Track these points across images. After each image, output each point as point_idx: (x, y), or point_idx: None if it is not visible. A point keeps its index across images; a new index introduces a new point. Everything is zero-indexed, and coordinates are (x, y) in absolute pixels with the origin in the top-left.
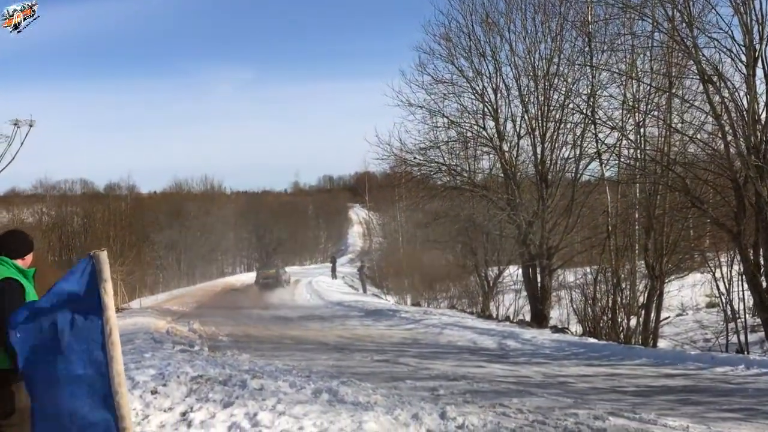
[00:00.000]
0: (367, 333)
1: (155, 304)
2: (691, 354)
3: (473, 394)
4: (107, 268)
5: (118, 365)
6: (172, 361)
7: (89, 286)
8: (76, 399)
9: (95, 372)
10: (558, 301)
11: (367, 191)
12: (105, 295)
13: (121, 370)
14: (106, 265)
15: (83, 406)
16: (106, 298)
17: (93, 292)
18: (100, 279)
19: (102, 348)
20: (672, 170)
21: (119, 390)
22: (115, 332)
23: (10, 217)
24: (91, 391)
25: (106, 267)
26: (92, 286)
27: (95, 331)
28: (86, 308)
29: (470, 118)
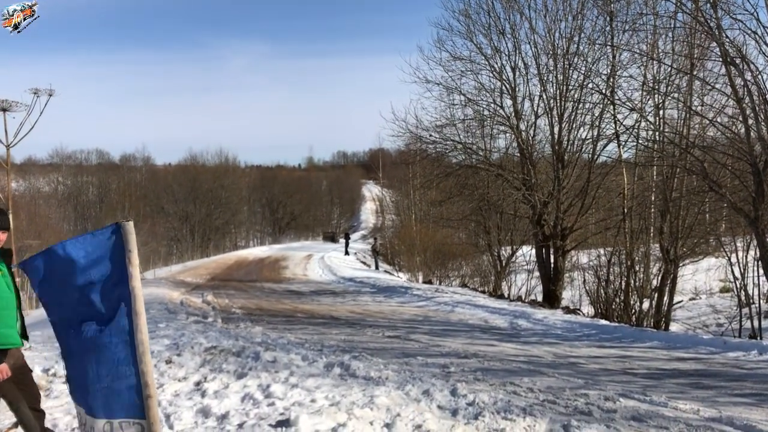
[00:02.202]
0: (379, 309)
1: (169, 275)
2: (703, 338)
3: (484, 372)
4: (133, 239)
5: (142, 334)
6: (186, 331)
7: (115, 255)
8: (102, 365)
9: (120, 340)
10: (570, 282)
11: (380, 168)
12: (130, 265)
13: (144, 339)
14: (132, 236)
15: (108, 373)
16: (131, 269)
17: (119, 261)
18: (126, 249)
19: (127, 316)
20: (690, 153)
21: (143, 359)
22: (140, 302)
23: (26, 186)
24: (116, 358)
25: (132, 238)
26: (118, 255)
27: (120, 300)
28: (112, 277)
29: (488, 96)
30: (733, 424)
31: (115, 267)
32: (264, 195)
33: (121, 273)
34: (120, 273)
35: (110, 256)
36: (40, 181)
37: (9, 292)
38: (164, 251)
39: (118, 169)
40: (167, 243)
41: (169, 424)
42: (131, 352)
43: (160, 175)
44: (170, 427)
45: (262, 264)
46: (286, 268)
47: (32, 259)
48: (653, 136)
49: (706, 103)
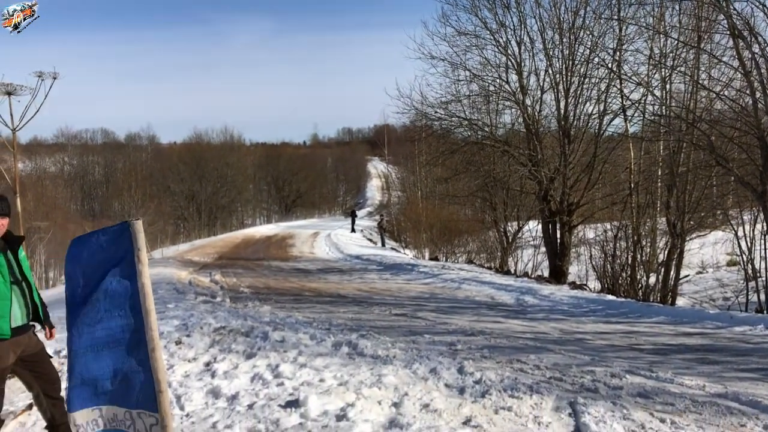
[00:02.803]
0: (386, 287)
1: (177, 254)
2: (709, 313)
3: (491, 350)
4: (142, 237)
5: (152, 331)
6: (194, 312)
7: (125, 253)
8: (116, 361)
9: (131, 336)
10: (577, 257)
11: (386, 145)
12: (139, 263)
13: (155, 335)
14: (141, 234)
15: (122, 367)
16: (140, 266)
17: (128, 259)
18: (135, 247)
19: (138, 313)
20: (697, 127)
21: (153, 355)
22: (149, 299)
23: (33, 166)
24: (129, 353)
25: (141, 236)
26: (128, 253)
27: (131, 297)
28: (122, 274)
29: (493, 71)
30: (738, 399)
31: (125, 265)
32: (269, 173)
33: (130, 270)
34: (130, 270)
35: (120, 254)
36: (46, 162)
37: (3, 283)
38: (171, 230)
39: (123, 149)
40: (174, 222)
41: (180, 405)
42: (143, 348)
43: (165, 154)
44: (181, 408)
45: (269, 242)
46: (293, 246)
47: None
48: (660, 110)
49: (713, 76)
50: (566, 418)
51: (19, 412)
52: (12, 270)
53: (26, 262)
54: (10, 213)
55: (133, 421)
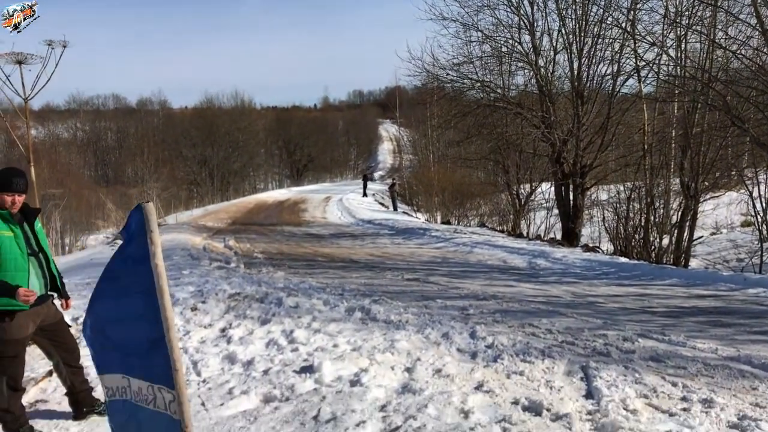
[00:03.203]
0: (398, 251)
1: (191, 219)
2: (723, 275)
3: (503, 314)
4: (154, 219)
5: (167, 311)
6: (209, 278)
7: (139, 235)
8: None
9: (148, 315)
10: (590, 219)
11: (397, 107)
12: (151, 245)
13: (169, 315)
14: (153, 216)
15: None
16: (153, 248)
17: (142, 240)
18: (148, 229)
19: (153, 293)
20: (712, 87)
21: (168, 334)
22: (163, 280)
23: (46, 133)
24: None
25: (152, 218)
26: (142, 234)
27: (146, 276)
28: (137, 254)
29: (505, 32)
30: (751, 362)
31: (140, 245)
32: (280, 137)
33: (144, 252)
34: (143, 252)
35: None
36: (59, 128)
37: (21, 255)
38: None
39: (135, 114)
40: (187, 187)
41: (197, 370)
42: (159, 326)
43: (176, 119)
44: (198, 374)
45: (281, 207)
46: (305, 211)
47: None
48: (674, 70)
49: (730, 35)
50: (578, 382)
51: (40, 378)
52: (29, 242)
53: (43, 233)
54: (28, 190)
55: (155, 396)
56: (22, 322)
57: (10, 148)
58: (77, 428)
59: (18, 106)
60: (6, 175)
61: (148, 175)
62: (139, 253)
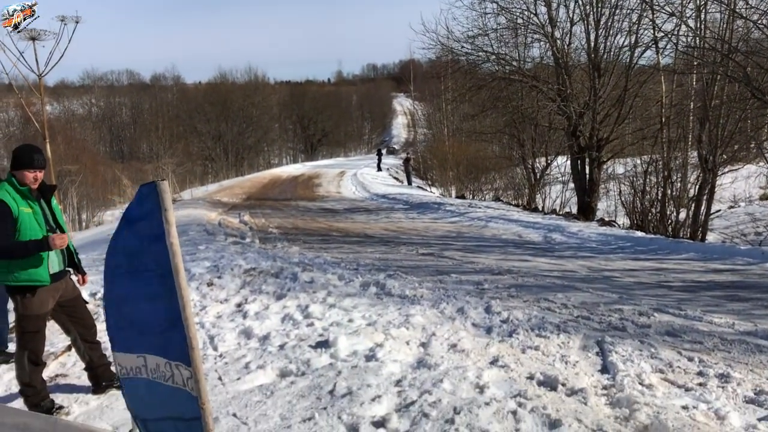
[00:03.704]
0: (412, 226)
1: (206, 194)
2: (740, 249)
3: (518, 289)
4: (168, 198)
5: (182, 290)
6: (225, 253)
7: (154, 213)
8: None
9: (164, 293)
10: (606, 193)
11: (411, 81)
12: (166, 223)
13: (185, 294)
14: (167, 194)
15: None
16: (167, 226)
17: (157, 218)
18: (162, 208)
19: (169, 272)
20: (732, 58)
21: (184, 313)
22: (178, 258)
23: (61, 109)
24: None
25: (167, 196)
26: (157, 213)
27: (162, 255)
28: (152, 233)
29: (521, 3)
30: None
31: (154, 224)
32: (294, 112)
33: (159, 230)
34: (159, 230)
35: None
36: (74, 104)
37: (40, 231)
38: (199, 171)
39: (149, 89)
40: (202, 162)
41: (213, 345)
42: (175, 304)
43: (190, 94)
44: (214, 349)
45: (295, 182)
46: (320, 186)
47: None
48: (693, 41)
49: (750, 4)
50: (593, 357)
51: (59, 353)
52: (47, 218)
53: (59, 210)
54: (45, 166)
55: (173, 373)
56: (43, 298)
57: (25, 125)
58: (97, 402)
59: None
60: (27, 152)
61: (163, 150)
62: (154, 232)
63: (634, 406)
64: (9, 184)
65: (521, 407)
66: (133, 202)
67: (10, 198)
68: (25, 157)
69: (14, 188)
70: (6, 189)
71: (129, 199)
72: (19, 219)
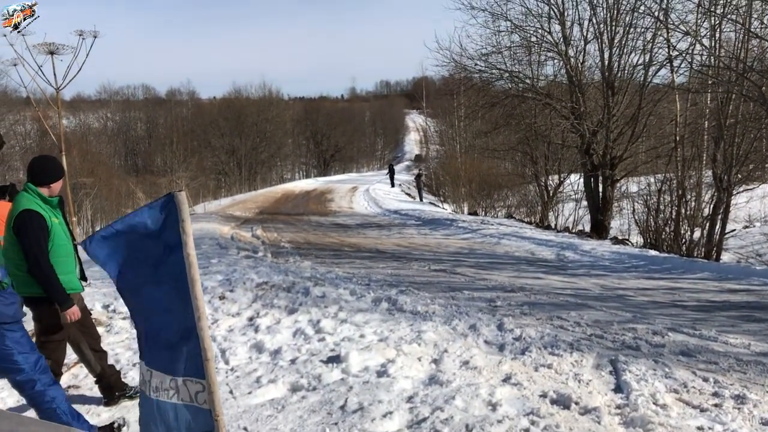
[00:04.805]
0: (424, 242)
1: (219, 209)
2: (756, 269)
3: (531, 306)
4: (186, 208)
5: (198, 301)
6: (237, 267)
7: (171, 224)
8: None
9: (179, 305)
10: (619, 211)
11: (424, 97)
12: (183, 234)
13: (200, 305)
14: (185, 205)
15: (172, 335)
16: (185, 237)
17: (174, 229)
18: (180, 219)
19: (184, 283)
20: (747, 78)
21: (199, 323)
22: (194, 269)
23: (77, 122)
24: (178, 321)
25: (184, 207)
26: (174, 224)
27: (177, 266)
28: (168, 244)
29: (535, 21)
30: None
31: (171, 235)
32: (308, 127)
33: (176, 241)
34: (175, 241)
35: (167, 225)
36: (89, 118)
37: (66, 240)
38: (213, 185)
39: (164, 104)
40: (215, 177)
41: (225, 359)
42: (190, 316)
43: (205, 109)
44: (226, 362)
45: (308, 197)
46: (332, 201)
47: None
48: (708, 60)
49: (766, 24)
50: (607, 375)
51: (72, 364)
52: (69, 228)
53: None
54: (63, 177)
55: (178, 389)
56: (77, 305)
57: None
58: (108, 414)
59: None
60: (54, 162)
61: (177, 164)
62: (171, 242)
63: (648, 426)
64: (37, 196)
65: (534, 425)
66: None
67: (42, 209)
68: (57, 169)
69: (42, 200)
70: (36, 201)
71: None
72: (52, 230)
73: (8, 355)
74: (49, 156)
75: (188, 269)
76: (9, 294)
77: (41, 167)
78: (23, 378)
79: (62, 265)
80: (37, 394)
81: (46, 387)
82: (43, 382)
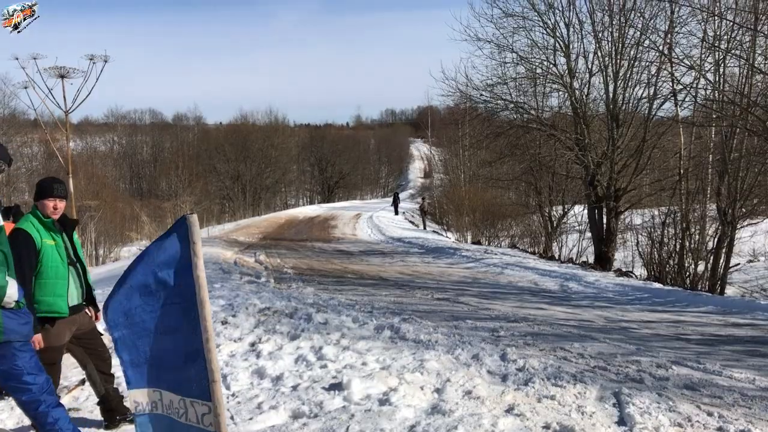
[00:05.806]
0: (428, 270)
1: (222, 233)
2: (760, 303)
3: (534, 337)
4: (197, 230)
5: (206, 322)
6: (240, 292)
7: (182, 246)
8: (176, 349)
9: (188, 326)
10: (623, 243)
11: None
12: (194, 256)
13: (209, 326)
14: (196, 227)
15: (179, 357)
16: (195, 259)
17: (185, 251)
18: (191, 241)
19: (193, 304)
20: (751, 112)
21: (207, 345)
22: (204, 291)
23: (84, 145)
24: (185, 343)
25: (196, 229)
26: (185, 246)
27: (187, 287)
28: (178, 265)
29: (540, 53)
30: None
31: (182, 256)
32: (313, 154)
33: (187, 262)
34: (186, 262)
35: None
36: (96, 141)
37: (62, 263)
38: (217, 210)
39: (171, 129)
40: (219, 201)
41: (226, 384)
42: (198, 338)
43: (211, 134)
44: (227, 388)
45: (312, 223)
46: (336, 228)
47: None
48: (712, 94)
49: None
50: (610, 408)
51: (73, 387)
52: (68, 252)
53: (79, 244)
54: (68, 196)
55: (186, 409)
56: (61, 330)
57: (48, 160)
58: None
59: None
60: (47, 181)
61: (182, 188)
62: (181, 264)
63: None
64: (33, 216)
65: None
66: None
67: (34, 229)
68: (45, 187)
69: (38, 220)
70: (30, 220)
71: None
72: (42, 251)
73: (18, 374)
74: (48, 177)
75: (198, 291)
76: (24, 314)
77: (36, 187)
78: (30, 398)
79: (49, 287)
80: (41, 414)
81: (50, 408)
82: (47, 403)
